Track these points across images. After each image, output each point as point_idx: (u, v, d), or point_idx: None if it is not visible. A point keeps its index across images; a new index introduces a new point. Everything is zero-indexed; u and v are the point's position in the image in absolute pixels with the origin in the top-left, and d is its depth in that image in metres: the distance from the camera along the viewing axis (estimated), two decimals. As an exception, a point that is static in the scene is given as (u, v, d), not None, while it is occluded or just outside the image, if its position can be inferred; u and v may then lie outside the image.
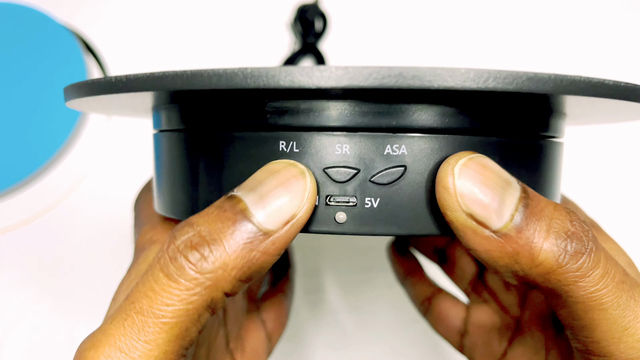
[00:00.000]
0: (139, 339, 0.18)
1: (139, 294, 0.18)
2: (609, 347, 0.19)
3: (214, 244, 0.18)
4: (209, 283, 0.18)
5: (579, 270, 0.18)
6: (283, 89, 0.17)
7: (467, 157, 0.19)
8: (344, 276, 0.48)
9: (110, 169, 0.48)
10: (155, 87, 0.18)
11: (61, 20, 0.50)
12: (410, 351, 0.47)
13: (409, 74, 0.16)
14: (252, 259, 0.18)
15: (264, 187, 0.19)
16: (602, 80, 0.18)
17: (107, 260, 0.46)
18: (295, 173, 0.19)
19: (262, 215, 0.19)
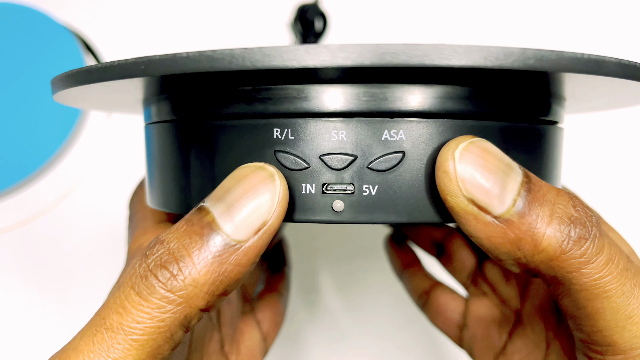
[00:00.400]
0: (107, 356, 0.17)
1: (109, 310, 0.18)
2: (613, 336, 0.19)
3: (182, 260, 0.18)
4: (180, 300, 0.18)
5: (583, 257, 0.18)
6: (275, 69, 0.16)
7: (467, 141, 0.18)
8: (341, 276, 0.47)
9: (109, 170, 0.48)
10: (142, 73, 0.17)
11: (61, 20, 0.50)
12: (407, 351, 0.46)
13: (409, 51, 0.16)
14: (224, 272, 0.18)
15: (231, 196, 0.18)
16: (606, 58, 0.17)
17: (106, 261, 0.46)
18: (264, 177, 0.18)
19: (230, 227, 0.18)
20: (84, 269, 0.47)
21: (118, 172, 0.48)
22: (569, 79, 0.19)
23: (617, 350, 0.19)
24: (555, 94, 0.22)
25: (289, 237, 0.44)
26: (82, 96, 0.23)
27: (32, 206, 0.47)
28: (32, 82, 0.48)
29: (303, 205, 0.19)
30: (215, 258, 0.18)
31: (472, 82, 0.19)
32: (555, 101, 0.22)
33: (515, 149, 0.20)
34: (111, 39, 0.50)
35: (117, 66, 0.18)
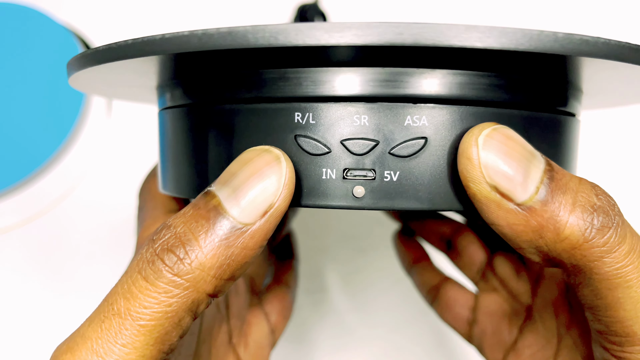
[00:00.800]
0: (116, 342, 0.17)
1: (117, 295, 0.18)
2: (633, 326, 0.19)
3: (189, 244, 0.18)
4: (187, 284, 0.17)
5: (605, 245, 0.18)
6: (298, 46, 0.16)
7: (491, 128, 0.18)
8: (344, 276, 0.47)
9: (109, 169, 0.48)
10: (164, 49, 0.17)
11: (61, 20, 0.49)
12: (413, 349, 0.46)
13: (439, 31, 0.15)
14: (231, 256, 0.18)
15: (237, 179, 0.18)
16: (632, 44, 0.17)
17: (107, 260, 0.46)
18: (269, 160, 0.18)
19: (237, 210, 0.18)
20: (84, 269, 0.46)
21: (119, 170, 0.48)
22: (594, 67, 0.18)
23: (637, 341, 0.19)
24: (574, 85, 0.22)
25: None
26: (97, 79, 0.22)
27: (33, 205, 0.47)
28: (32, 83, 0.47)
29: (323, 191, 0.19)
30: (222, 241, 0.18)
31: (497, 68, 0.19)
32: (573, 92, 0.22)
33: (536, 138, 0.20)
34: (111, 39, 0.50)
35: (141, 43, 0.17)
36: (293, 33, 0.16)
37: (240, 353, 0.30)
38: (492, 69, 0.19)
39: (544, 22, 0.49)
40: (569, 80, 0.21)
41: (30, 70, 0.48)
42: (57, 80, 0.48)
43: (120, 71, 0.20)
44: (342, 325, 0.46)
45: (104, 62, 0.19)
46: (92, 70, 0.20)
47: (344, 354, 0.46)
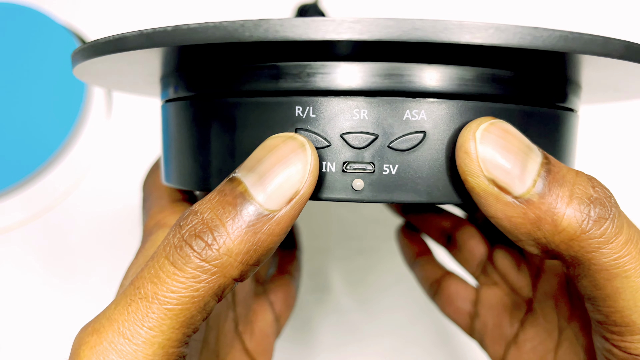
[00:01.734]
0: (142, 325, 0.17)
1: (144, 280, 0.18)
2: (632, 316, 0.19)
3: (216, 230, 0.18)
4: (215, 270, 0.18)
5: (603, 237, 0.18)
6: (300, 41, 0.16)
7: (488, 122, 0.19)
8: (348, 275, 0.48)
9: (110, 168, 0.48)
10: (172, 41, 0.17)
11: (61, 20, 0.50)
12: (416, 348, 0.46)
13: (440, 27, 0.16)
14: (258, 242, 0.18)
15: (263, 166, 0.18)
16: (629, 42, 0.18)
17: (108, 259, 0.46)
18: (295, 147, 0.18)
19: (263, 196, 0.18)
20: (85, 268, 0.47)
21: (118, 171, 0.48)
22: (592, 64, 0.19)
23: (636, 330, 0.19)
24: (573, 81, 0.22)
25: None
26: (102, 71, 0.23)
27: (33, 205, 0.47)
28: (32, 82, 0.48)
29: (323, 184, 0.19)
30: (249, 228, 0.18)
31: (495, 63, 0.19)
32: (572, 88, 0.22)
33: (534, 133, 0.20)
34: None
35: (144, 35, 0.18)
36: (295, 27, 0.16)
37: (246, 341, 0.30)
38: (490, 65, 0.19)
39: (545, 19, 0.49)
40: (567, 75, 0.21)
41: (31, 70, 0.48)
42: (57, 79, 0.48)
43: (125, 63, 0.21)
44: (345, 324, 0.47)
45: (111, 52, 0.19)
46: (97, 61, 0.20)
47: (347, 352, 0.46)
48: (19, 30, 0.49)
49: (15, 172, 0.46)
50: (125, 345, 0.17)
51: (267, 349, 0.31)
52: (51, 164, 0.47)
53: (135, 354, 0.17)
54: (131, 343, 0.17)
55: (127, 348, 0.17)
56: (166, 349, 0.18)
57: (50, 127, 0.47)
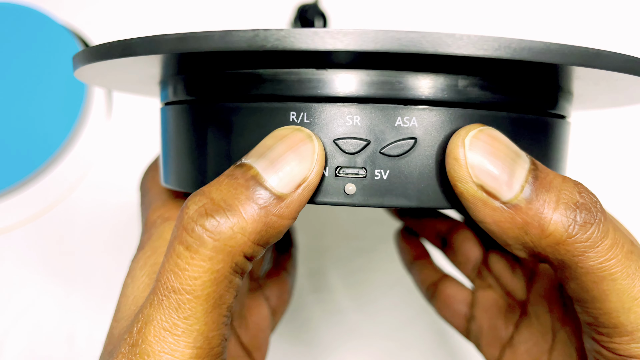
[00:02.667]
0: (178, 316, 0.18)
1: (167, 272, 0.19)
2: (619, 317, 0.19)
3: (229, 209, 0.18)
4: (229, 249, 0.18)
5: (588, 241, 0.18)
6: (298, 51, 0.17)
7: (477, 129, 0.19)
8: (347, 276, 0.48)
9: (111, 168, 0.48)
10: (169, 49, 0.18)
11: (61, 20, 0.50)
12: (414, 348, 0.47)
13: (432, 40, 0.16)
14: (269, 223, 0.18)
15: (273, 153, 0.19)
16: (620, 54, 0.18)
17: (109, 258, 0.47)
18: (303, 137, 0.19)
19: (275, 180, 0.19)
20: (85, 268, 0.47)
21: (119, 171, 0.48)
22: (585, 74, 0.19)
23: (624, 332, 0.19)
24: (564, 88, 0.22)
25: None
26: (103, 73, 0.23)
27: (33, 205, 0.47)
28: (32, 82, 0.48)
29: (316, 188, 0.20)
30: (261, 209, 0.18)
31: (485, 72, 0.20)
32: (563, 95, 0.23)
33: (523, 140, 0.21)
34: (111, 39, 0.50)
35: (140, 42, 0.18)
36: (293, 39, 0.17)
37: (241, 335, 0.31)
38: (480, 74, 0.20)
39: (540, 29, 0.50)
40: (558, 83, 0.22)
41: (31, 70, 0.48)
42: (58, 79, 0.48)
43: (127, 66, 0.21)
44: (344, 325, 0.47)
45: (114, 57, 0.19)
46: (99, 65, 0.21)
47: (346, 353, 0.47)
48: (19, 30, 0.49)
49: (16, 171, 0.47)
50: (167, 337, 0.18)
51: (262, 343, 0.32)
52: (52, 163, 0.47)
53: (177, 343, 0.18)
54: (172, 334, 0.18)
55: (169, 339, 0.18)
56: (205, 334, 0.18)
57: (50, 127, 0.47)
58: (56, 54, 0.49)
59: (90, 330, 0.46)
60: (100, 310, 0.39)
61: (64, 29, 0.49)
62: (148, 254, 0.23)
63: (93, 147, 0.48)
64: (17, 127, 0.47)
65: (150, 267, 0.23)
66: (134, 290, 0.22)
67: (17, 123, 0.47)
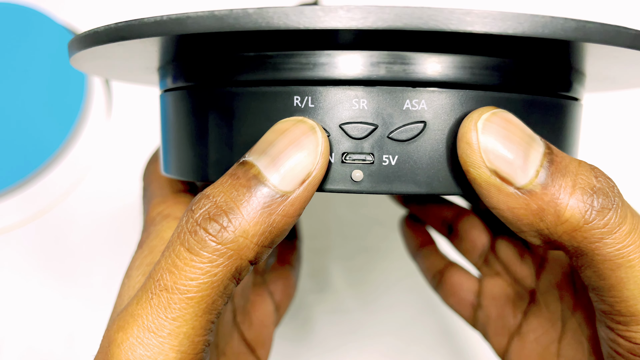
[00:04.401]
0: (166, 316, 0.18)
1: (163, 271, 0.18)
2: (637, 305, 0.19)
3: (231, 212, 0.18)
4: (231, 253, 0.18)
5: (606, 227, 0.18)
6: (304, 29, 0.16)
7: (490, 112, 0.18)
8: (349, 275, 0.47)
9: (110, 168, 0.48)
10: (170, 30, 0.17)
11: (61, 20, 0.50)
12: (418, 346, 0.46)
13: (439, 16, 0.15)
14: (272, 223, 0.18)
15: (275, 148, 0.18)
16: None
17: (108, 259, 0.46)
18: (305, 129, 0.18)
19: (277, 178, 0.18)
20: (84, 268, 0.47)
21: (119, 171, 0.48)
22: (596, 52, 0.18)
23: None
24: (577, 69, 0.22)
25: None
26: (99, 60, 0.23)
27: (32, 205, 0.47)
28: (32, 82, 0.48)
29: None
30: (264, 209, 0.18)
31: (496, 52, 0.19)
32: (576, 77, 0.22)
33: (536, 123, 0.20)
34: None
35: (137, 25, 0.17)
36: (294, 15, 0.16)
37: (244, 331, 0.30)
38: (491, 53, 0.19)
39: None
40: (571, 64, 0.21)
41: (31, 70, 0.48)
42: (58, 79, 0.48)
43: (124, 52, 0.20)
44: (346, 324, 0.47)
45: (110, 42, 0.19)
46: (95, 51, 0.20)
47: (349, 352, 0.46)
48: (19, 30, 0.49)
49: (15, 172, 0.46)
50: (151, 339, 0.18)
51: (266, 339, 0.31)
52: (51, 164, 0.47)
53: (162, 346, 0.17)
54: (157, 336, 0.18)
55: (153, 341, 0.18)
56: (191, 338, 0.18)
57: (50, 127, 0.47)
58: (56, 54, 0.48)
59: (90, 330, 0.46)
60: (100, 310, 0.39)
61: (64, 29, 0.49)
62: (145, 254, 0.23)
63: (93, 147, 0.48)
64: (17, 127, 0.47)
65: (147, 267, 0.22)
66: (128, 290, 0.22)
67: (17, 123, 0.47)
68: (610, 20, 0.39)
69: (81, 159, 0.48)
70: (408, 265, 0.42)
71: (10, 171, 0.46)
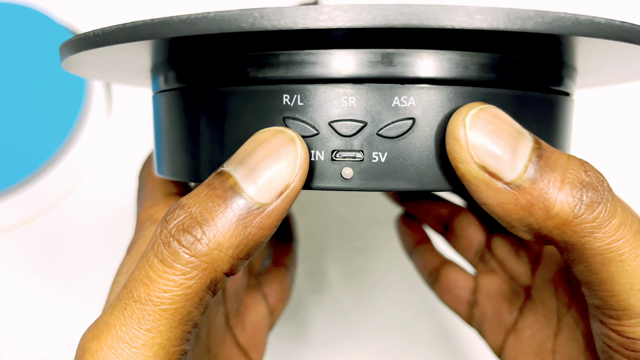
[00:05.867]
0: (140, 327, 0.17)
1: (136, 282, 0.18)
2: (629, 299, 0.19)
3: (205, 224, 0.18)
4: (204, 265, 0.17)
5: (596, 221, 0.18)
6: (291, 30, 0.16)
7: (478, 108, 0.18)
8: (346, 276, 0.47)
9: (110, 168, 0.48)
10: (156, 34, 0.17)
11: (61, 20, 0.50)
12: (415, 347, 0.46)
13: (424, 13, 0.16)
14: (248, 236, 0.18)
15: (253, 159, 0.18)
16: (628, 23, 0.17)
17: (108, 259, 0.46)
18: (285, 140, 0.18)
19: (253, 189, 0.18)
20: (84, 269, 0.47)
21: (119, 171, 0.48)
22: (586, 46, 0.18)
23: (633, 314, 0.19)
24: (567, 64, 0.22)
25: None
26: (91, 63, 0.23)
27: (32, 206, 0.47)
28: (32, 82, 0.48)
29: (312, 173, 0.19)
30: (239, 221, 0.18)
31: (485, 48, 0.19)
32: (567, 71, 0.22)
33: (527, 118, 0.20)
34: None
35: (125, 29, 0.18)
36: (282, 16, 0.16)
37: (237, 334, 0.30)
38: (480, 49, 0.19)
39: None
40: (561, 58, 0.21)
41: (31, 70, 0.48)
42: (58, 79, 0.48)
43: (115, 55, 0.21)
44: (344, 324, 0.47)
45: (100, 46, 0.19)
46: (86, 55, 0.20)
47: (347, 352, 0.46)
48: (19, 30, 0.49)
49: (15, 172, 0.46)
50: (125, 349, 0.17)
51: (259, 342, 0.31)
52: (51, 164, 0.47)
53: (136, 357, 0.17)
54: (131, 347, 0.17)
55: (127, 352, 0.17)
56: (167, 349, 0.18)
57: (49, 128, 0.47)
58: (56, 54, 0.48)
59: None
60: (99, 310, 0.39)
61: (64, 29, 0.49)
62: (133, 259, 0.23)
63: (92, 147, 0.48)
64: (17, 127, 0.47)
65: None
66: (113, 296, 0.22)
67: (17, 123, 0.47)
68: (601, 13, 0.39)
69: (81, 160, 0.48)
70: (406, 266, 0.41)
71: (10, 172, 0.47)
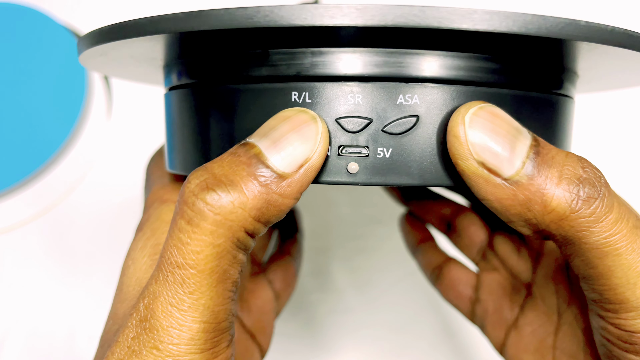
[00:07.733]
0: (184, 292, 0.18)
1: (170, 248, 0.19)
2: (625, 293, 0.19)
3: (231, 184, 0.18)
4: (230, 223, 0.18)
5: (592, 216, 0.18)
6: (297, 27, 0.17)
7: (477, 106, 0.19)
8: (350, 275, 0.48)
9: (111, 167, 0.48)
10: (172, 29, 0.18)
11: (61, 20, 0.50)
12: (417, 345, 0.47)
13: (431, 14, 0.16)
14: (270, 200, 0.18)
15: (277, 133, 0.19)
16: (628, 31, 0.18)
17: (111, 257, 0.46)
18: (307, 119, 0.19)
19: (277, 159, 0.19)
20: (84, 269, 0.47)
21: (119, 171, 0.48)
22: (586, 50, 0.19)
23: (630, 307, 0.19)
24: (567, 66, 0.22)
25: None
26: (108, 58, 0.23)
27: (33, 205, 0.47)
28: (32, 82, 0.48)
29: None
30: (262, 186, 0.18)
31: (487, 49, 0.20)
32: (566, 74, 0.23)
33: (527, 118, 0.21)
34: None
35: (134, 25, 0.18)
36: (291, 14, 0.17)
37: (243, 318, 0.31)
38: (482, 51, 0.20)
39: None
40: (561, 61, 0.22)
41: (31, 70, 0.48)
42: (58, 79, 0.48)
43: (131, 50, 0.21)
44: (347, 323, 0.47)
45: (120, 39, 0.20)
46: (103, 49, 0.21)
47: (350, 350, 0.47)
48: (19, 30, 0.49)
49: (17, 171, 0.47)
50: (174, 312, 0.18)
51: (266, 325, 0.32)
52: (52, 162, 0.47)
53: (184, 318, 0.18)
54: (179, 310, 0.18)
55: (176, 315, 0.18)
56: (211, 308, 0.18)
57: (51, 126, 0.47)
58: (56, 54, 0.49)
59: (91, 329, 0.46)
60: (100, 310, 0.39)
61: (64, 29, 0.49)
62: (147, 236, 0.24)
63: (93, 146, 0.48)
64: (17, 127, 0.47)
65: (151, 249, 0.23)
66: (136, 272, 0.22)
67: (17, 123, 0.47)
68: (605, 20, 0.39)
69: (83, 157, 0.48)
70: (409, 265, 0.42)
71: (13, 170, 0.47)
